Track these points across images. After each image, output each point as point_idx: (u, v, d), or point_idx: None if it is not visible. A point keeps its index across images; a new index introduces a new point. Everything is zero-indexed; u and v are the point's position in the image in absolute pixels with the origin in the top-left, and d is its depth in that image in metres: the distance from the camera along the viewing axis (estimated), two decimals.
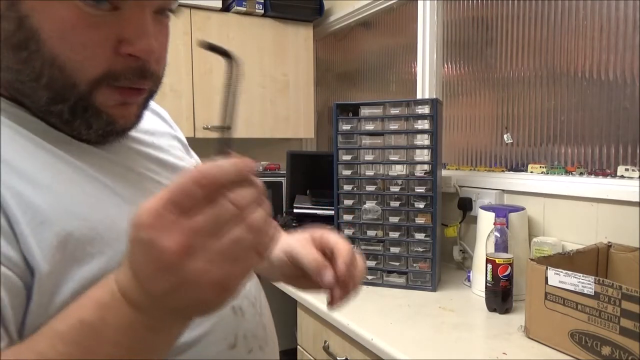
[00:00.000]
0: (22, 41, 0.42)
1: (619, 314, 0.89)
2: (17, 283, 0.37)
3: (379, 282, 1.50)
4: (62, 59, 0.43)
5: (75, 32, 0.42)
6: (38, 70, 0.43)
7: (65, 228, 0.40)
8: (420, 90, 1.92)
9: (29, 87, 0.44)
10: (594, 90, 1.36)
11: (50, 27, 0.42)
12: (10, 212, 0.38)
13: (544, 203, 1.44)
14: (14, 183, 0.39)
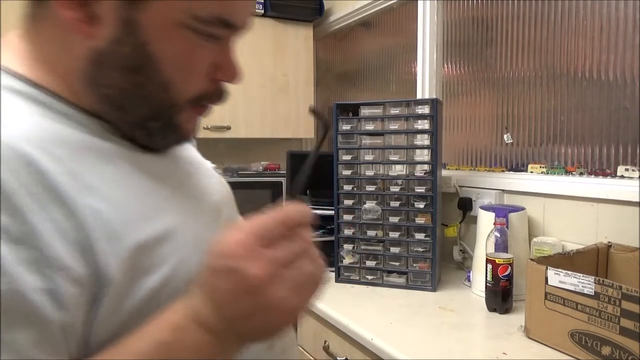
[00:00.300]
0: (138, 65, 0.46)
1: (619, 314, 0.89)
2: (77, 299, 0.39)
3: (379, 282, 1.50)
4: (171, 83, 0.47)
5: (186, 61, 0.47)
6: (148, 91, 0.47)
7: (135, 240, 0.43)
8: (420, 90, 1.92)
9: (131, 104, 0.48)
10: (594, 90, 1.36)
11: (166, 55, 0.46)
12: (89, 228, 0.40)
13: (544, 203, 1.44)
14: (89, 200, 0.41)
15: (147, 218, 0.45)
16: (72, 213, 0.40)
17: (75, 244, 0.39)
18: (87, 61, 0.46)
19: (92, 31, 0.45)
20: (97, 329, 0.41)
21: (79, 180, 0.41)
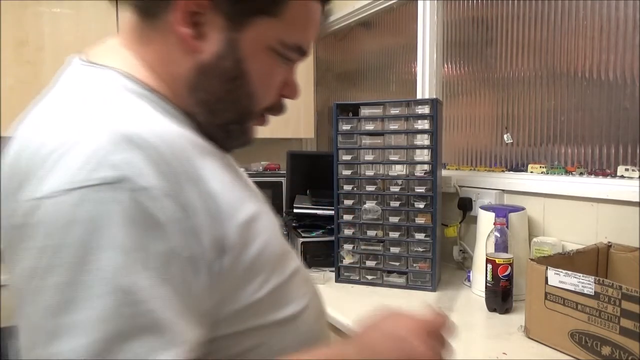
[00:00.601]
0: (233, 77, 0.56)
1: (619, 314, 0.89)
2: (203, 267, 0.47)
3: (379, 282, 1.50)
4: (255, 94, 0.59)
5: (269, 77, 0.59)
6: (236, 98, 0.58)
7: (240, 218, 0.52)
8: (420, 90, 1.92)
9: (222, 109, 0.58)
10: (594, 90, 1.36)
11: (255, 71, 0.57)
12: (214, 208, 0.49)
13: (544, 203, 1.44)
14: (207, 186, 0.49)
15: (242, 203, 0.54)
16: (201, 194, 0.48)
17: (210, 218, 0.48)
18: (193, 71, 0.55)
19: (201, 46, 0.54)
20: (219, 285, 0.49)
21: (199, 170, 0.49)
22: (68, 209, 0.41)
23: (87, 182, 0.41)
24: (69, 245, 0.40)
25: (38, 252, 0.41)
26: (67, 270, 0.40)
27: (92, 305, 0.40)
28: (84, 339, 0.39)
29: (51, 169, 0.42)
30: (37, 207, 0.41)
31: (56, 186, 0.41)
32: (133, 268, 0.41)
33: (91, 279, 0.40)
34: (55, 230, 0.41)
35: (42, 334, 0.41)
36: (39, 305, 0.41)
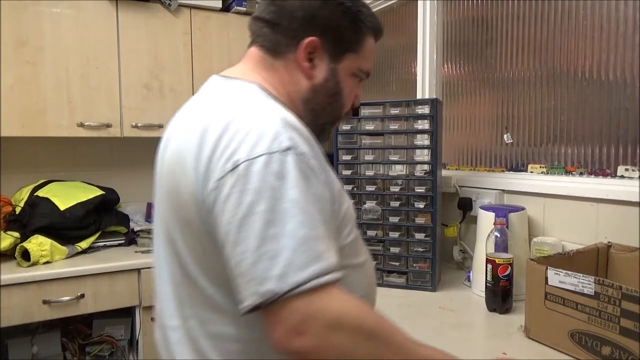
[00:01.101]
0: (333, 93, 0.84)
1: (619, 314, 0.89)
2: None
3: (379, 282, 1.50)
4: (343, 104, 0.87)
5: (351, 93, 0.87)
6: (333, 108, 0.86)
7: (338, 185, 0.75)
8: (420, 90, 1.92)
9: (323, 115, 0.86)
10: (594, 90, 1.36)
11: (345, 89, 0.85)
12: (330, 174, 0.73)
13: (544, 203, 1.44)
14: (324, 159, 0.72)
15: (334, 175, 0.76)
16: (323, 161, 0.72)
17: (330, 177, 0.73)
18: (309, 90, 0.83)
19: (314, 74, 0.82)
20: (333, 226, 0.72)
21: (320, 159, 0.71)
22: (267, 164, 0.63)
23: (275, 149, 0.64)
24: (271, 187, 0.63)
25: (252, 193, 0.63)
26: (271, 200, 0.62)
27: (291, 221, 0.62)
28: (290, 240, 0.61)
29: (255, 142, 0.65)
30: (251, 164, 0.63)
31: (259, 151, 0.64)
32: (307, 199, 0.64)
33: (286, 206, 0.62)
34: (261, 176, 0.63)
35: (256, 243, 0.61)
36: (253, 225, 0.62)
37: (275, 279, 0.59)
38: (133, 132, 2.02)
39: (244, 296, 0.61)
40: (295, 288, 0.59)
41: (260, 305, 0.60)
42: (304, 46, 0.79)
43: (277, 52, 0.81)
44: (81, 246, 1.85)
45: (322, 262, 0.61)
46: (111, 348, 1.88)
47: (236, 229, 0.63)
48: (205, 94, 0.81)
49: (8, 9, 1.81)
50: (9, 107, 1.82)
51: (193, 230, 0.71)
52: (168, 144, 0.79)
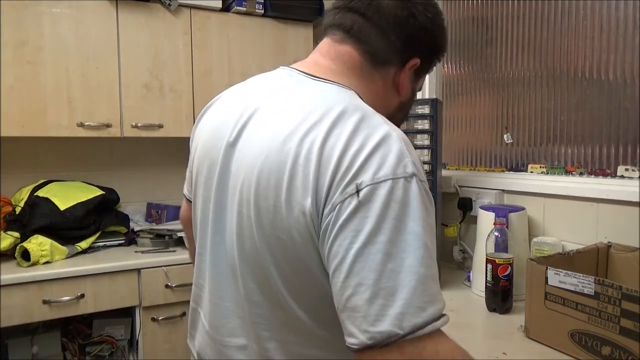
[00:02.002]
0: (408, 109, 0.88)
1: (619, 314, 0.89)
2: None
3: None
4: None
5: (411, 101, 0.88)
6: (406, 112, 0.89)
7: None
8: None
9: (400, 118, 0.87)
10: (594, 90, 1.36)
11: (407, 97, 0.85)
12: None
13: (544, 203, 1.44)
14: None
15: None
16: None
17: None
18: (396, 107, 0.83)
19: (402, 93, 0.82)
20: None
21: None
22: (391, 191, 0.59)
23: (400, 175, 0.60)
24: (395, 216, 0.59)
25: (374, 221, 0.58)
26: (393, 231, 0.58)
27: (410, 256, 0.57)
28: (411, 275, 0.57)
29: (379, 165, 0.60)
30: (375, 188, 0.59)
31: (384, 175, 0.59)
32: (427, 232, 0.59)
33: (407, 238, 0.58)
34: (385, 204, 0.59)
35: (374, 276, 0.57)
36: (373, 256, 0.57)
37: (391, 319, 0.55)
38: (133, 132, 2.02)
39: (354, 332, 0.57)
40: (413, 332, 0.55)
41: (371, 346, 0.56)
42: (410, 66, 0.77)
43: (379, 62, 0.76)
44: (81, 246, 1.85)
45: (437, 304, 0.57)
46: (111, 348, 1.88)
47: (353, 258, 0.58)
48: (293, 93, 0.71)
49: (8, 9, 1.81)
50: (9, 107, 1.82)
51: (292, 249, 0.65)
52: (245, 146, 0.70)
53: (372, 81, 0.77)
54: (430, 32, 0.77)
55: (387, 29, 0.74)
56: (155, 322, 1.81)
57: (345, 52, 0.75)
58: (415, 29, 0.75)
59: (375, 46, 0.74)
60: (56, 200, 1.85)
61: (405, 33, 0.75)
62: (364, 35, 0.74)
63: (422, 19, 0.75)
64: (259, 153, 0.67)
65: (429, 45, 0.79)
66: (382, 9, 0.73)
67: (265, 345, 0.70)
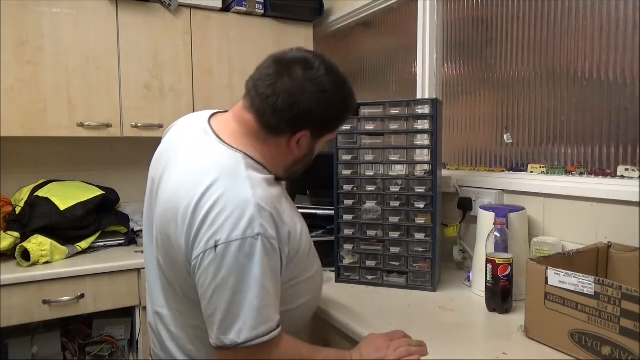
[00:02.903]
0: (309, 160, 1.08)
1: (619, 314, 0.89)
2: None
3: (379, 282, 1.50)
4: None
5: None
6: (305, 166, 1.09)
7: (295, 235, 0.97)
8: (420, 90, 1.92)
9: (295, 172, 1.09)
10: (594, 90, 1.36)
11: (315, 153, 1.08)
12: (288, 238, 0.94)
13: (544, 203, 1.44)
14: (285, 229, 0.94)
15: (298, 226, 1.00)
16: (284, 233, 0.92)
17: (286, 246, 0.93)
18: (291, 163, 1.03)
19: (298, 152, 1.01)
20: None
21: (282, 215, 0.93)
22: (241, 248, 0.84)
23: (248, 235, 0.84)
24: (240, 266, 0.84)
25: (226, 269, 0.84)
26: (239, 275, 0.85)
27: (251, 292, 0.85)
28: (249, 306, 0.85)
29: (232, 227, 0.84)
30: (228, 246, 0.84)
31: (235, 236, 0.84)
32: (266, 274, 0.86)
33: (250, 280, 0.85)
34: (235, 257, 0.84)
35: (225, 306, 0.85)
36: (224, 292, 0.85)
37: (235, 333, 0.85)
38: (133, 132, 2.02)
39: (212, 336, 0.88)
40: (247, 342, 0.85)
41: (221, 347, 0.86)
42: (298, 137, 0.97)
43: (272, 132, 0.96)
44: (81, 246, 1.85)
45: (268, 324, 0.87)
46: (111, 348, 1.88)
47: (212, 292, 0.86)
48: (200, 149, 0.96)
49: (8, 9, 1.81)
50: (9, 107, 1.83)
51: (178, 267, 0.93)
52: (162, 181, 0.98)
53: (267, 144, 0.98)
54: (316, 113, 0.94)
55: (277, 109, 0.92)
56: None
57: (248, 119, 0.96)
58: (300, 111, 0.93)
59: (268, 120, 0.94)
60: (56, 200, 1.85)
61: (291, 114, 0.93)
62: (261, 110, 0.94)
63: (306, 104, 0.92)
64: (167, 194, 0.94)
65: (317, 120, 0.96)
66: (276, 92, 0.92)
67: (175, 313, 1.00)
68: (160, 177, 1.00)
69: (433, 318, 1.22)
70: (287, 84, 0.92)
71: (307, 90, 0.92)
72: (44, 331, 1.81)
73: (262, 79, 0.94)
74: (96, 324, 1.88)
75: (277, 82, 0.92)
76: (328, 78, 0.95)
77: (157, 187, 1.00)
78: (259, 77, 0.95)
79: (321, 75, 0.94)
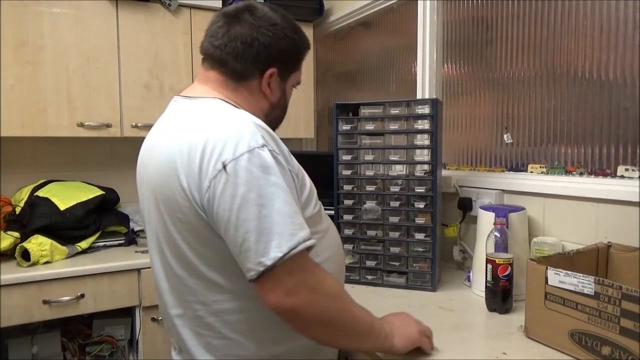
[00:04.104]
0: (283, 104, 1.09)
1: (619, 314, 0.89)
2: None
3: (379, 282, 1.50)
4: (286, 106, 1.11)
5: (290, 98, 1.11)
6: (282, 113, 1.11)
7: (301, 168, 0.94)
8: (420, 90, 1.92)
9: (275, 116, 1.08)
10: (594, 90, 1.36)
11: (287, 98, 1.11)
12: (292, 164, 0.90)
13: (544, 203, 1.44)
14: (286, 151, 0.89)
15: (300, 169, 0.95)
16: (287, 154, 0.88)
17: (292, 167, 0.89)
18: (267, 108, 1.04)
19: (271, 96, 1.03)
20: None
21: (279, 146, 0.88)
22: (250, 160, 0.80)
23: (254, 146, 0.81)
24: (256, 177, 0.79)
25: (243, 186, 0.79)
26: (259, 187, 0.79)
27: (277, 201, 0.80)
28: (279, 217, 0.79)
29: (236, 144, 0.80)
30: (238, 161, 0.79)
31: (241, 150, 0.80)
32: (285, 183, 0.82)
33: (272, 190, 0.80)
34: (248, 170, 0.79)
35: (255, 223, 0.78)
36: (249, 210, 0.78)
37: (275, 248, 0.77)
38: (133, 132, 2.02)
39: (251, 267, 0.78)
40: (290, 251, 0.78)
41: (264, 271, 0.77)
42: (267, 76, 0.99)
43: (241, 78, 0.98)
44: (81, 246, 1.85)
45: (304, 230, 0.81)
46: (111, 348, 1.88)
47: (236, 215, 0.79)
48: (176, 114, 0.96)
49: (8, 9, 1.81)
50: (9, 107, 1.83)
51: (191, 226, 0.86)
52: (150, 161, 0.95)
53: (239, 92, 0.98)
54: (275, 46, 0.97)
55: (239, 52, 0.95)
56: (155, 322, 1.81)
57: (212, 75, 0.99)
58: (261, 48, 0.96)
59: (232, 67, 0.96)
60: (56, 200, 1.85)
61: (253, 53, 0.96)
62: (223, 60, 0.96)
63: (264, 39, 0.95)
64: (159, 162, 0.90)
65: (279, 55, 0.99)
66: (232, 39, 0.95)
67: (193, 308, 0.91)
68: (144, 169, 1.00)
69: (433, 318, 1.22)
70: (240, 29, 0.95)
71: (261, 27, 0.96)
72: (44, 331, 1.81)
73: (214, 34, 0.98)
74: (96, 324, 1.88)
75: (230, 30, 0.95)
76: (275, 14, 0.99)
77: (144, 179, 1.00)
78: (212, 34, 0.99)
79: (267, 12, 0.98)
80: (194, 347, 0.93)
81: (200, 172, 0.81)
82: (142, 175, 1.02)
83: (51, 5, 1.88)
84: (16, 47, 1.83)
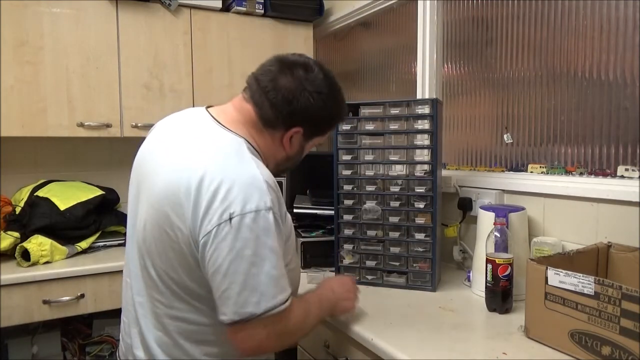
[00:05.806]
0: (298, 159, 1.15)
1: (619, 314, 0.89)
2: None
3: (379, 282, 1.50)
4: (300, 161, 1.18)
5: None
6: (294, 165, 1.17)
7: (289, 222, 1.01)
8: (420, 90, 1.92)
9: (286, 167, 1.15)
10: (594, 90, 1.36)
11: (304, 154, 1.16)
12: (286, 218, 0.98)
13: (544, 203, 1.44)
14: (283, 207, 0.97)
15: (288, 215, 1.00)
16: (284, 212, 0.96)
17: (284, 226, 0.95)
18: (283, 159, 1.08)
19: (289, 150, 1.07)
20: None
21: (280, 201, 0.94)
22: (255, 220, 0.86)
23: (261, 208, 0.87)
24: (256, 237, 0.86)
25: (242, 241, 0.85)
26: (256, 247, 0.86)
27: (268, 263, 0.87)
28: (267, 277, 0.87)
29: (245, 200, 0.86)
30: (243, 217, 0.85)
31: (249, 209, 0.86)
32: (279, 245, 0.89)
33: (265, 252, 0.86)
34: (250, 228, 0.85)
35: (242, 278, 0.85)
36: (241, 264, 0.85)
37: (253, 305, 0.86)
38: (133, 132, 2.02)
39: (226, 312, 0.87)
40: (266, 312, 0.86)
41: (239, 321, 0.86)
42: (290, 133, 1.03)
43: (269, 125, 1.01)
44: (81, 246, 1.85)
45: (284, 293, 0.89)
46: (111, 348, 1.88)
47: (228, 264, 0.85)
48: (197, 134, 0.98)
49: (8, 9, 1.81)
50: (9, 107, 1.83)
51: (177, 246, 0.91)
52: (155, 179, 0.95)
53: (263, 135, 1.02)
54: (311, 111, 1.00)
55: (276, 103, 0.98)
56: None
57: (247, 109, 1.01)
58: (297, 108, 0.99)
59: (265, 112, 0.99)
60: (56, 200, 1.85)
61: (288, 109, 0.98)
62: (260, 102, 0.99)
63: (303, 101, 0.98)
64: (164, 181, 0.92)
65: (311, 120, 1.02)
66: (277, 87, 0.98)
67: (156, 304, 0.97)
68: (152, 170, 0.98)
69: (433, 318, 1.22)
70: (288, 82, 0.98)
71: (306, 90, 0.99)
72: (44, 331, 1.81)
73: (264, 74, 1.00)
74: (96, 324, 1.89)
75: (279, 79, 0.98)
76: (325, 82, 1.02)
77: (149, 180, 0.98)
78: (262, 72, 1.01)
79: (319, 78, 1.01)
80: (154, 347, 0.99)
81: (206, 214, 0.86)
82: (139, 181, 1.03)
83: (51, 5, 1.88)
84: (16, 47, 1.83)
